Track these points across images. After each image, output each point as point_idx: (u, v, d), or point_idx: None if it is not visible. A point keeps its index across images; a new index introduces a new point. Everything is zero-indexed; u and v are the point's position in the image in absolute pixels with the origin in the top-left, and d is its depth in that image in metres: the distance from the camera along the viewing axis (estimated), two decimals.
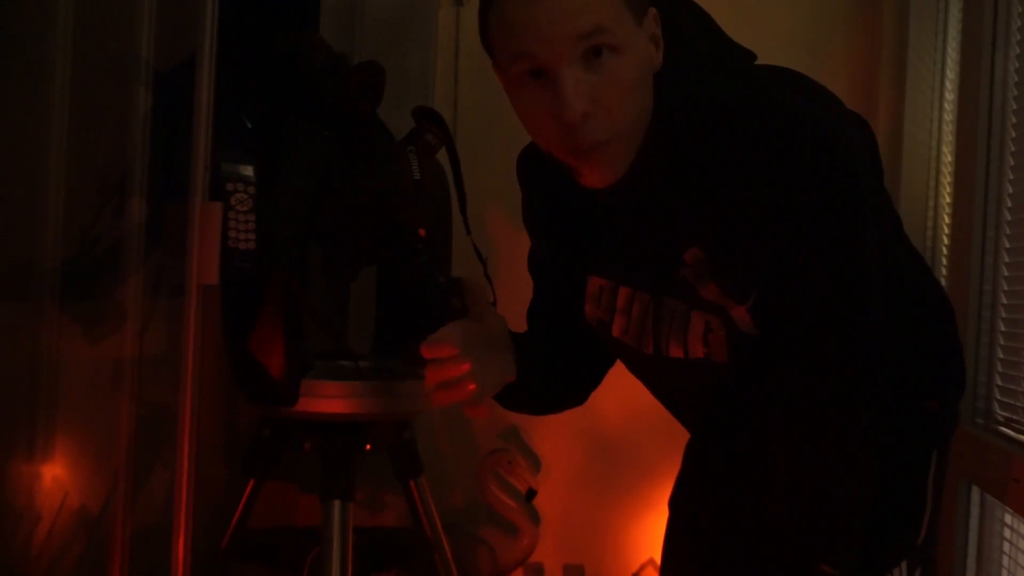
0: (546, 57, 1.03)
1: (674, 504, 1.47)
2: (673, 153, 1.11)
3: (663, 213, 1.15)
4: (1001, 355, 1.75)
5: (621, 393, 1.52)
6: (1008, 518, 1.72)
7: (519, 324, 1.42)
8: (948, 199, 2.12)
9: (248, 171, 1.72)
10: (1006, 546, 1.73)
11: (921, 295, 1.27)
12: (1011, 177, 1.76)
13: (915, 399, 1.23)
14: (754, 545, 1.18)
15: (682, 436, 1.45)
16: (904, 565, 1.24)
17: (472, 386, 1.17)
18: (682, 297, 1.17)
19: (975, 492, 1.80)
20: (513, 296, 1.99)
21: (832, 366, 1.11)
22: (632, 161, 1.10)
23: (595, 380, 1.42)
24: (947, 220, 2.11)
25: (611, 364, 1.41)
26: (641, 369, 1.32)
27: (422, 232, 1.88)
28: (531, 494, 2.31)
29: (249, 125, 1.93)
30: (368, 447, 1.93)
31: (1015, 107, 1.75)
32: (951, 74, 2.14)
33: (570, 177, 1.13)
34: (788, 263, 1.09)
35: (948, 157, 2.13)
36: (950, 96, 2.14)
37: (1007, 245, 1.76)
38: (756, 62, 1.17)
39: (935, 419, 1.26)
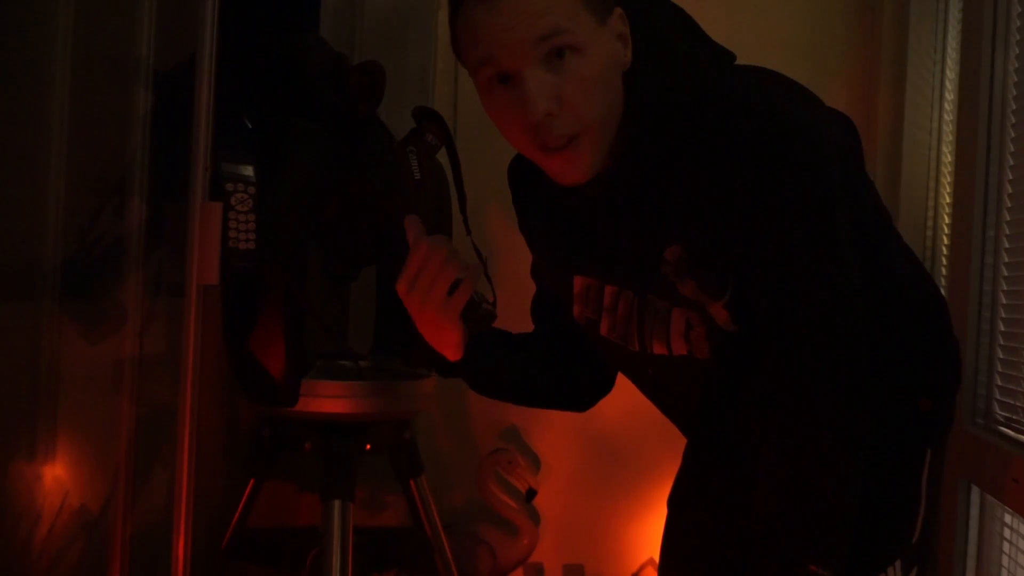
0: (508, 61, 1.06)
1: (673, 503, 1.47)
2: (648, 151, 1.12)
3: (642, 211, 1.16)
4: (1001, 355, 1.75)
5: (621, 393, 1.52)
6: (1008, 518, 1.72)
7: (519, 323, 1.42)
8: (948, 199, 2.12)
9: (248, 171, 1.72)
10: (1006, 546, 1.73)
11: (912, 290, 1.27)
12: (1011, 177, 1.76)
13: (907, 397, 1.23)
14: (747, 545, 1.19)
15: (681, 437, 1.45)
16: (899, 564, 1.24)
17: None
18: (664, 295, 1.18)
19: (975, 492, 1.80)
20: (513, 296, 1.99)
21: (809, 362, 1.11)
22: (606, 159, 1.11)
23: (597, 387, 1.43)
24: (947, 220, 2.11)
25: (615, 373, 1.41)
26: (629, 368, 1.33)
27: None
28: (531, 494, 2.31)
29: (249, 125, 1.93)
30: (368, 447, 1.93)
31: (1015, 107, 1.75)
32: (951, 74, 2.14)
33: (553, 183, 1.14)
34: (762, 258, 1.10)
35: (948, 157, 2.13)
36: (950, 96, 2.14)
37: (1007, 245, 1.76)
38: (752, 63, 1.18)
39: (929, 417, 1.26)
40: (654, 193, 1.14)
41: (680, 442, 1.47)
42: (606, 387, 1.44)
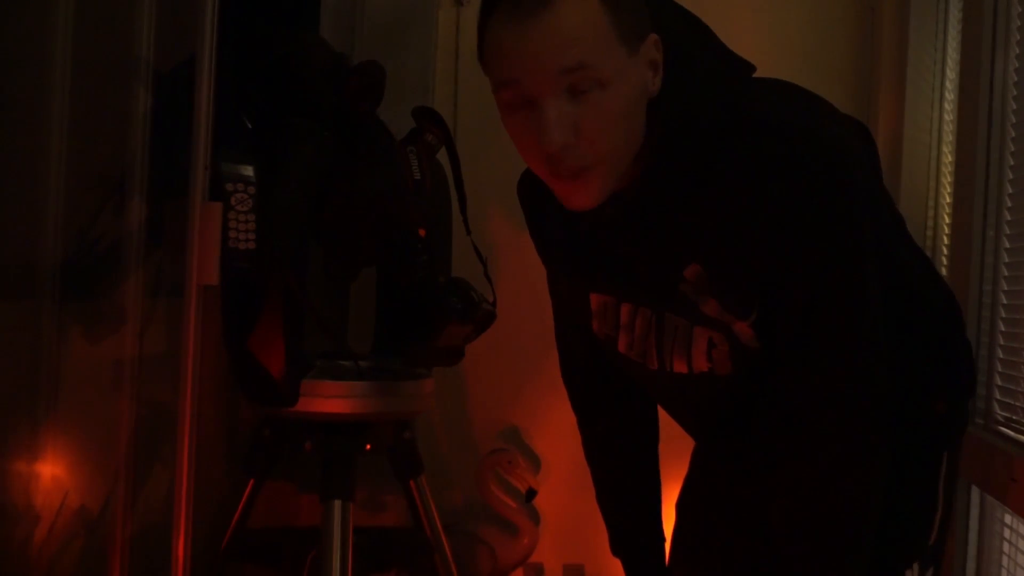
0: (531, 87, 1.03)
1: (681, 507, 1.47)
2: (672, 171, 1.11)
3: (662, 230, 1.15)
4: (1001, 355, 1.75)
5: None
6: (1008, 518, 1.72)
7: (519, 323, 1.42)
8: (948, 199, 2.12)
9: (248, 171, 1.72)
10: (1006, 546, 1.73)
11: (927, 296, 1.27)
12: (1011, 177, 1.76)
13: (925, 401, 1.23)
14: (764, 555, 1.19)
15: (686, 436, 1.45)
16: (916, 566, 1.25)
17: None
18: (683, 313, 1.17)
19: (975, 492, 1.80)
20: (513, 296, 1.99)
21: (834, 381, 1.11)
22: (624, 180, 1.10)
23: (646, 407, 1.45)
24: (947, 220, 2.11)
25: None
26: (648, 383, 1.33)
27: (422, 232, 1.88)
28: (531, 494, 2.31)
29: (249, 125, 1.93)
30: (368, 447, 1.93)
31: (1015, 107, 1.75)
32: (951, 74, 2.14)
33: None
34: (787, 276, 1.09)
35: (948, 157, 2.13)
36: (950, 96, 2.14)
37: (1007, 245, 1.76)
38: (757, 64, 1.17)
39: (945, 420, 1.26)
40: (674, 212, 1.13)
41: (687, 444, 1.47)
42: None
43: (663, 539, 1.45)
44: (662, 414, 1.42)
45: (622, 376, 1.35)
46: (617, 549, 1.46)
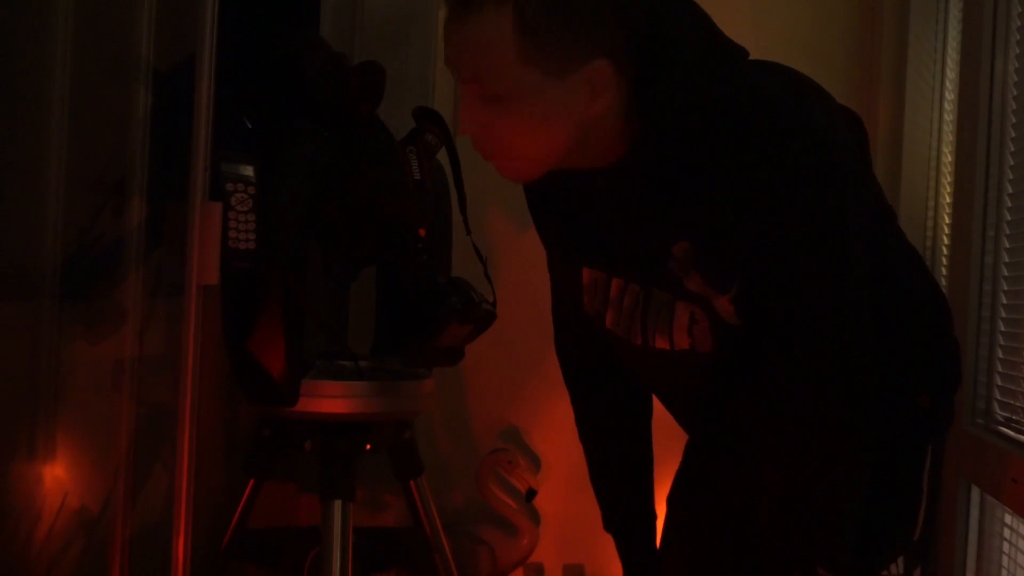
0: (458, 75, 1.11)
1: (672, 501, 1.48)
2: (660, 149, 1.11)
3: (653, 206, 1.16)
4: (1001, 355, 1.75)
5: None
6: (1008, 518, 1.72)
7: (519, 323, 1.42)
8: (948, 199, 2.12)
9: (248, 171, 1.72)
10: (1006, 546, 1.73)
11: (913, 288, 1.27)
12: (1011, 177, 1.76)
13: (907, 393, 1.23)
14: (750, 544, 1.19)
15: (682, 434, 1.45)
16: (901, 561, 1.24)
17: None
18: (669, 289, 1.18)
19: (975, 492, 1.80)
20: (513, 296, 1.99)
21: (817, 362, 1.11)
22: (613, 158, 1.12)
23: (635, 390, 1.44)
24: (947, 220, 2.11)
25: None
26: (633, 360, 1.33)
27: (422, 232, 1.88)
28: (531, 494, 2.31)
29: (249, 125, 1.93)
30: (368, 447, 1.93)
31: (1015, 107, 1.75)
32: (951, 74, 2.14)
33: (562, 174, 1.15)
34: (771, 259, 1.10)
35: (948, 157, 2.13)
36: (950, 96, 2.14)
37: (1007, 245, 1.76)
38: (751, 59, 1.18)
39: (928, 413, 1.26)
40: (665, 189, 1.14)
41: (679, 441, 1.47)
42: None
43: (655, 516, 1.45)
44: (657, 407, 1.43)
45: (613, 353, 1.36)
46: (609, 526, 1.46)
